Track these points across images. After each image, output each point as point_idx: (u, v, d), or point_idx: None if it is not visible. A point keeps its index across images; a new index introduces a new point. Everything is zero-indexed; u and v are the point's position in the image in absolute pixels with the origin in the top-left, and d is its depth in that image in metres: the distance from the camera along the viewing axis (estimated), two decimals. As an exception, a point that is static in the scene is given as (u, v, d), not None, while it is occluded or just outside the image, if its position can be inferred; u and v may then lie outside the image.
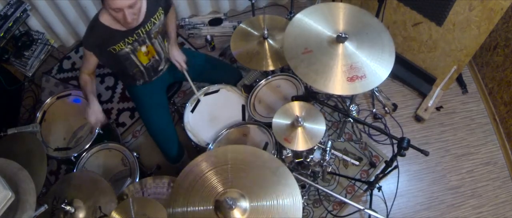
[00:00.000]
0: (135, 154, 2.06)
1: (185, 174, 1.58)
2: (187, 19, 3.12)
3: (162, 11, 1.96)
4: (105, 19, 1.81)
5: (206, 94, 2.20)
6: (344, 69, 1.68)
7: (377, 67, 1.68)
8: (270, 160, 1.60)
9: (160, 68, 2.15)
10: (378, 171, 2.23)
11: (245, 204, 1.47)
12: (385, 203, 2.39)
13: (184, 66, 2.15)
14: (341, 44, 1.73)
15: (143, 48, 1.96)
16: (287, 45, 1.79)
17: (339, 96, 2.73)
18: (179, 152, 2.30)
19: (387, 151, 2.59)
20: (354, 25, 1.80)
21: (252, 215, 1.45)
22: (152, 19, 1.90)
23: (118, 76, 2.88)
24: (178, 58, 2.14)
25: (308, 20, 1.83)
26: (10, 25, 2.58)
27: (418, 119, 2.68)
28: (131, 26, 1.81)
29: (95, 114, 1.94)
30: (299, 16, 1.85)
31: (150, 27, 1.91)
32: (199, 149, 2.09)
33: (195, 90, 2.17)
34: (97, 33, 1.83)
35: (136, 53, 1.96)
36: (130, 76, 2.10)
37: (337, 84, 1.66)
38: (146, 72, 2.10)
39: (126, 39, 1.87)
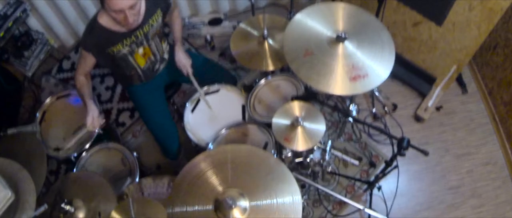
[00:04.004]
0: (135, 153, 2.06)
1: (184, 174, 1.58)
2: (186, 19, 3.12)
3: (161, 13, 1.96)
4: (104, 21, 1.81)
5: (206, 94, 2.20)
6: (346, 69, 1.68)
7: (378, 65, 1.68)
8: (269, 158, 1.60)
9: (156, 68, 2.15)
10: (378, 171, 2.23)
11: (244, 203, 1.47)
12: (385, 202, 2.39)
13: (190, 70, 2.13)
14: (341, 44, 1.73)
15: (140, 50, 1.96)
16: (287, 48, 1.79)
17: (339, 96, 2.73)
18: (179, 148, 2.31)
19: (387, 151, 2.59)
20: (353, 25, 1.80)
21: (252, 214, 1.45)
22: (150, 21, 1.90)
23: (116, 78, 2.88)
24: (184, 62, 2.12)
25: (307, 21, 1.83)
26: (10, 25, 2.58)
27: (418, 118, 2.68)
28: (132, 27, 1.81)
29: (93, 118, 1.93)
30: (298, 16, 1.85)
31: (148, 29, 1.91)
32: (198, 149, 2.09)
33: (202, 94, 2.14)
34: (95, 34, 1.83)
35: (133, 55, 1.96)
36: (127, 77, 2.10)
37: (339, 85, 1.66)
38: (143, 75, 2.10)
39: (124, 41, 1.87)
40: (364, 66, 1.68)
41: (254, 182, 1.52)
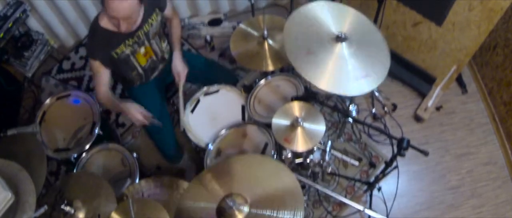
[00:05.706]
0: (134, 154, 2.06)
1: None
2: (186, 20, 3.12)
3: (160, 12, 1.96)
4: (105, 23, 1.81)
5: (206, 94, 2.20)
6: (346, 70, 1.68)
7: (377, 66, 1.68)
8: (281, 171, 1.55)
9: (157, 67, 2.15)
10: (378, 171, 2.24)
11: (245, 209, 1.45)
12: (385, 203, 2.39)
13: (183, 80, 2.11)
14: (340, 44, 1.73)
15: (142, 50, 1.97)
16: (288, 43, 1.78)
17: (339, 96, 2.72)
18: (177, 151, 2.31)
19: (387, 151, 2.59)
20: (353, 26, 1.80)
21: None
22: (149, 20, 1.91)
23: (116, 79, 2.88)
24: (180, 70, 2.11)
25: (307, 16, 1.82)
26: (10, 25, 2.58)
27: (418, 119, 2.68)
28: (125, 32, 1.81)
29: (138, 112, 1.94)
30: (298, 11, 1.83)
31: (148, 29, 1.92)
32: (198, 150, 2.09)
33: (181, 109, 2.09)
34: (99, 37, 1.83)
35: (135, 55, 1.96)
36: (128, 79, 2.10)
37: (340, 85, 1.66)
38: (144, 74, 2.10)
39: (127, 41, 1.87)
40: (364, 67, 1.68)
41: (261, 191, 1.48)
